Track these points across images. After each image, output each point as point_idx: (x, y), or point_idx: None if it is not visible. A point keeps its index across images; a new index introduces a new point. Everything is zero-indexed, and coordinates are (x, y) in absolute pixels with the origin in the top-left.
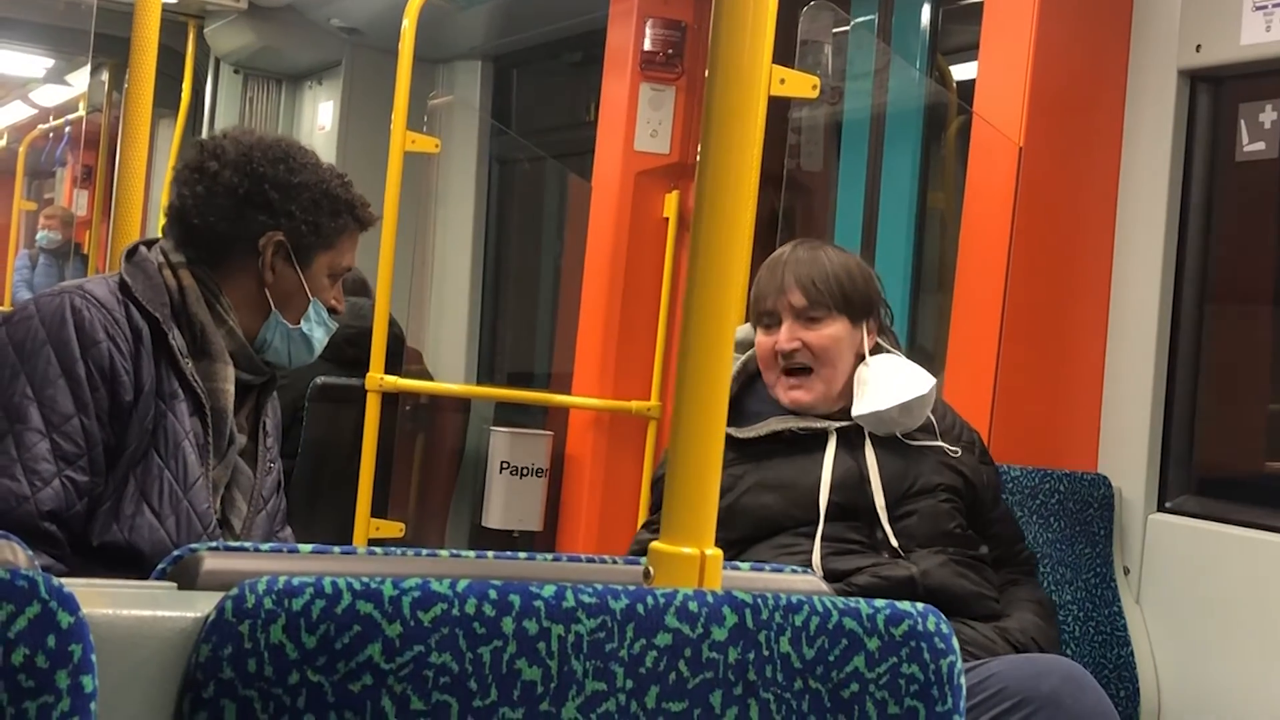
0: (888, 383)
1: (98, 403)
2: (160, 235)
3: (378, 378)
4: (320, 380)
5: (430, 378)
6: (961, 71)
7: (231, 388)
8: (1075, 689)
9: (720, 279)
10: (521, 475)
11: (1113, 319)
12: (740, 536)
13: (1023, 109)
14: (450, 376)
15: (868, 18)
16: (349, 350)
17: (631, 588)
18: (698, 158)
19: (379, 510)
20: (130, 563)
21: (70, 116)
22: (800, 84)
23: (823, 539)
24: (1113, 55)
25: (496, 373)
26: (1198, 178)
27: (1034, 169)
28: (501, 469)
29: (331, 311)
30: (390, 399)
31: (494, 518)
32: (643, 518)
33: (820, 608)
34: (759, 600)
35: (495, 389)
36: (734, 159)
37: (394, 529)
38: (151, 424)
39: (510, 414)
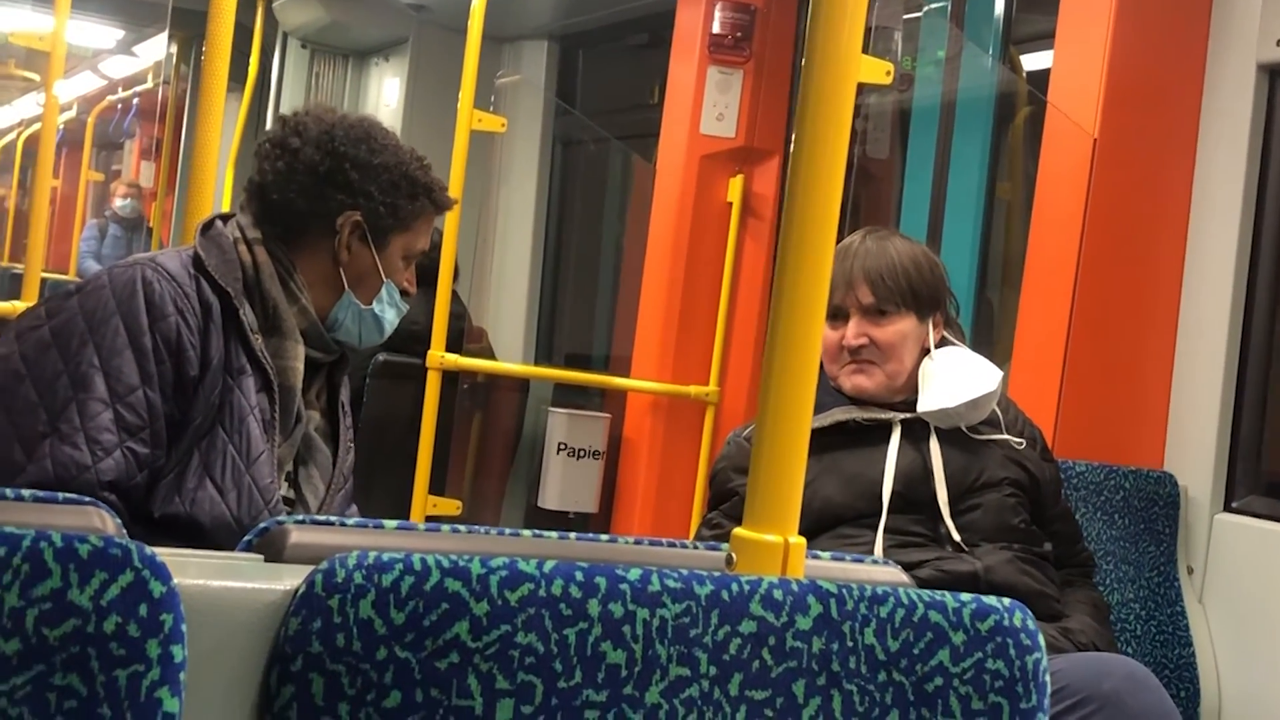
0: (955, 378)
1: (162, 376)
2: (228, 209)
3: (439, 355)
4: (382, 357)
5: (493, 356)
6: (1032, 61)
7: (301, 365)
8: (1137, 688)
9: (813, 267)
10: (578, 457)
11: (1184, 315)
12: (803, 530)
13: (1098, 100)
14: (509, 356)
15: (940, 4)
16: (414, 345)
17: (715, 574)
18: (790, 147)
19: (436, 487)
20: (190, 535)
21: (139, 88)
22: (874, 70)
23: (885, 531)
24: (1191, 47)
25: (555, 354)
26: (1275, 173)
27: (1108, 161)
28: (559, 450)
29: (403, 294)
30: (450, 377)
31: (550, 499)
32: (698, 508)
33: (905, 600)
34: (844, 590)
35: (554, 370)
36: (829, 148)
37: (451, 506)
38: (218, 399)
39: (568, 395)
